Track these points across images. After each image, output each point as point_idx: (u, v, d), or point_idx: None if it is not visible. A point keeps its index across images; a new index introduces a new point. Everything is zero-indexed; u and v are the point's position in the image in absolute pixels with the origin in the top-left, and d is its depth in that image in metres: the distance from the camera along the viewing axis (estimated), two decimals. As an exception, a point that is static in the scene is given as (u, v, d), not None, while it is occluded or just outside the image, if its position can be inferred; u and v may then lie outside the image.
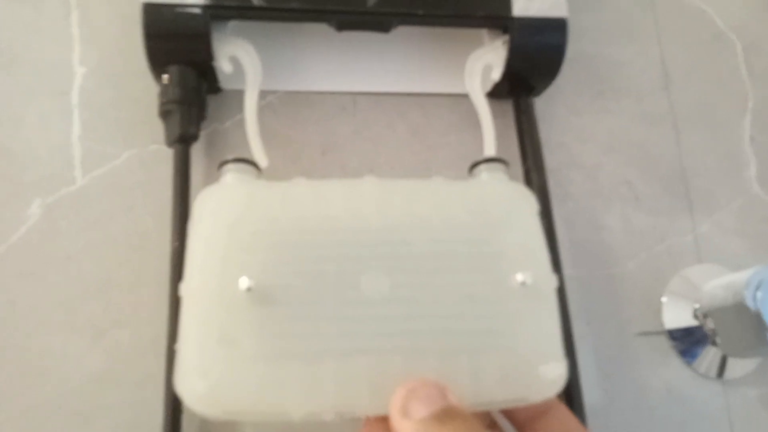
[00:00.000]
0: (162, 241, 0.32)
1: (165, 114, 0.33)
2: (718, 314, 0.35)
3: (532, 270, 0.25)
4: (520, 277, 0.25)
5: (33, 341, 0.30)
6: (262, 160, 0.33)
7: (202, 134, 0.35)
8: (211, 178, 0.34)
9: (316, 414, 0.23)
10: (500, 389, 0.22)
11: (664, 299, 0.37)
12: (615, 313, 0.36)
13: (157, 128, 0.33)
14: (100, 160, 0.34)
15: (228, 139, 0.36)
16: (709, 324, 0.35)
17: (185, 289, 0.25)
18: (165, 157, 0.34)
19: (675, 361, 0.36)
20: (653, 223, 0.39)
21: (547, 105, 0.40)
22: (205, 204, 0.27)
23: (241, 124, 0.35)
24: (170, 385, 0.28)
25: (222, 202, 0.26)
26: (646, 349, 0.36)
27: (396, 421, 0.20)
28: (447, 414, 0.20)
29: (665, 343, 0.36)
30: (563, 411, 0.25)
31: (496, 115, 0.36)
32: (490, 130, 0.35)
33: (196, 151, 0.35)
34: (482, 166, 0.30)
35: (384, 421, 0.22)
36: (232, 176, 0.28)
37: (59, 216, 0.33)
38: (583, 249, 0.37)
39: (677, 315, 0.37)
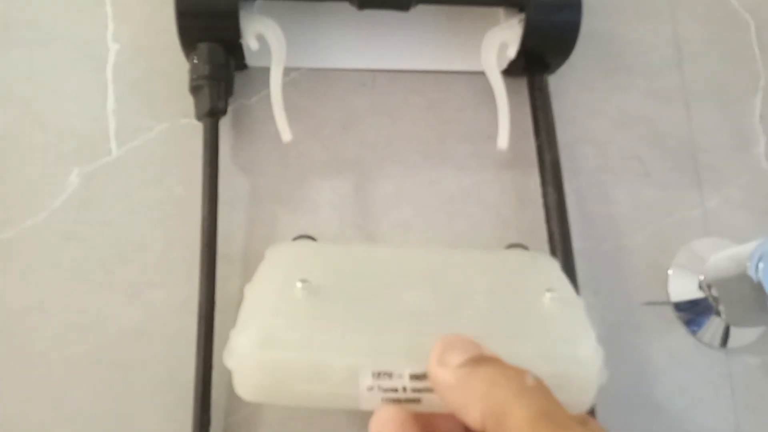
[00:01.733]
0: (193, 209, 0.34)
1: (195, 89, 0.34)
2: (723, 285, 0.36)
3: (559, 292, 0.27)
4: (549, 295, 0.27)
5: (75, 299, 0.33)
6: (286, 133, 0.34)
7: (230, 109, 0.37)
8: (238, 150, 0.37)
9: (354, 372, 0.23)
10: (540, 363, 0.22)
11: (670, 271, 0.38)
12: (622, 283, 0.38)
13: (187, 103, 0.35)
14: (134, 133, 0.36)
15: (254, 114, 0.37)
16: (714, 294, 0.37)
17: (249, 288, 0.28)
18: (195, 130, 0.35)
19: (680, 331, 0.37)
20: (662, 198, 0.40)
21: (559, 81, 0.41)
22: (273, 253, 0.31)
23: (266, 99, 0.36)
24: (202, 341, 0.31)
25: (287, 255, 0.30)
26: (652, 318, 0.37)
27: (434, 371, 0.21)
28: (482, 359, 0.21)
29: (670, 313, 0.38)
30: None
31: (510, 91, 0.38)
32: (505, 106, 0.37)
33: (224, 125, 0.37)
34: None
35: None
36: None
37: (96, 184, 0.35)
38: (592, 222, 0.38)
39: (683, 286, 0.38)
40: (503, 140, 0.34)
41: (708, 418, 0.35)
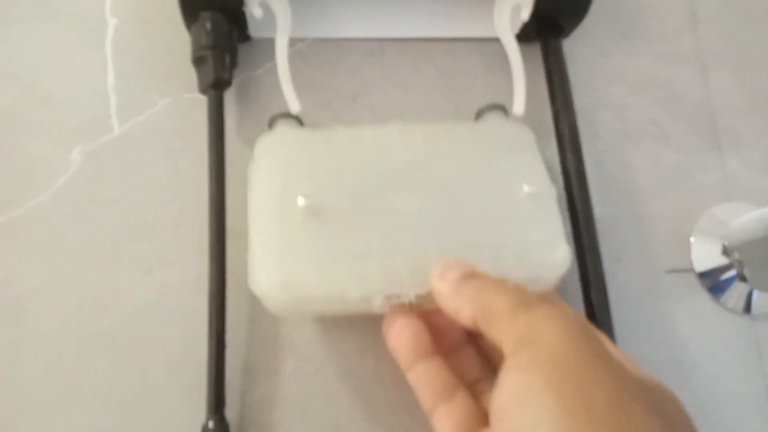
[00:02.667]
0: (200, 184, 0.32)
1: (198, 60, 0.33)
2: (748, 248, 0.35)
3: (535, 184, 0.30)
4: (526, 188, 0.30)
5: (85, 279, 0.32)
6: (294, 105, 0.33)
7: (234, 82, 0.36)
8: (245, 124, 0.35)
9: (368, 297, 0.27)
10: (518, 273, 0.27)
11: (692, 239, 0.37)
12: (644, 250, 0.37)
13: (190, 76, 0.34)
14: (136, 109, 0.35)
15: (260, 87, 0.36)
16: (738, 258, 0.36)
17: (251, 210, 0.30)
18: (199, 104, 0.34)
19: (703, 297, 0.37)
20: (682, 162, 0.39)
21: (574, 47, 0.39)
22: (264, 146, 0.32)
23: (272, 72, 0.35)
24: (213, 320, 0.30)
25: (278, 145, 0.32)
26: (675, 285, 0.36)
27: (435, 284, 0.26)
28: (473, 274, 0.26)
29: (693, 280, 0.37)
30: None
31: (523, 58, 0.36)
32: (520, 70, 0.36)
33: (229, 99, 0.35)
34: (486, 113, 0.35)
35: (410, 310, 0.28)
36: (282, 126, 0.33)
37: (100, 162, 0.34)
38: (612, 188, 0.37)
39: (706, 252, 0.37)
40: (519, 105, 0.33)
41: (737, 384, 0.35)
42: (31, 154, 0.34)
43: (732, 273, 0.37)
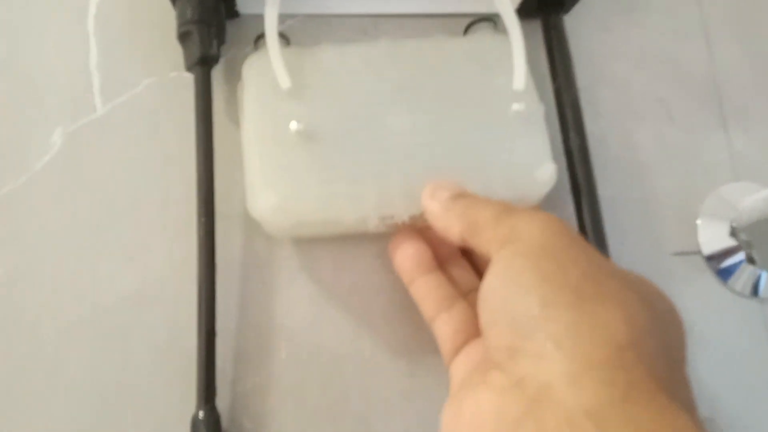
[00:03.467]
0: (186, 166, 0.31)
1: (183, 36, 0.32)
2: (756, 229, 0.34)
3: (523, 101, 0.30)
4: (515, 106, 0.30)
5: (65, 265, 0.30)
6: (284, 81, 0.32)
7: (222, 60, 0.34)
8: (233, 103, 0.34)
9: (363, 218, 0.29)
10: (505, 191, 0.28)
11: (699, 220, 0.36)
12: (649, 232, 0.35)
13: (176, 54, 0.33)
14: (119, 88, 0.34)
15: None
16: (746, 240, 0.35)
17: (244, 135, 0.30)
18: (186, 84, 0.33)
19: (711, 280, 0.35)
20: (687, 141, 0.37)
21: (575, 22, 0.38)
22: (251, 67, 0.31)
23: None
24: (203, 306, 0.29)
25: (266, 65, 0.31)
26: (682, 268, 0.35)
27: (426, 203, 0.27)
28: (462, 194, 0.27)
29: (700, 263, 0.36)
30: None
31: (524, 35, 0.35)
32: (520, 42, 0.34)
33: (217, 78, 0.34)
34: (475, 27, 0.35)
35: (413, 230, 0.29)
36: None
37: (82, 144, 0.32)
38: (616, 168, 0.36)
39: (712, 234, 0.36)
40: (520, 80, 0.32)
41: (745, 369, 0.34)
42: (10, 135, 0.32)
43: (740, 255, 0.35)
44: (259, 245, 0.32)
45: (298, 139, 0.29)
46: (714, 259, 0.36)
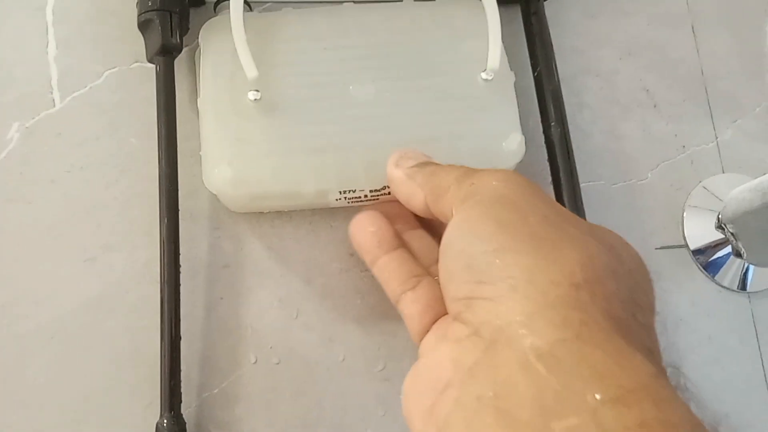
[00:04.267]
0: (149, 162, 0.30)
1: (144, 24, 0.30)
2: (744, 220, 0.33)
3: (493, 68, 0.30)
4: (484, 75, 0.30)
5: (23, 268, 0.29)
6: (251, 70, 0.30)
7: (186, 51, 0.32)
8: (196, 96, 0.32)
9: (324, 192, 0.28)
10: (473, 163, 0.25)
11: (685, 213, 0.35)
12: (635, 225, 0.34)
13: (138, 45, 0.31)
14: (79, 80, 0.32)
15: (215, 54, 0.33)
16: (733, 232, 0.33)
17: (201, 103, 0.29)
18: (148, 75, 0.31)
19: (698, 275, 0.34)
20: (673, 131, 0.36)
21: (558, 8, 0.37)
22: (210, 33, 0.30)
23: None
24: (166, 310, 0.27)
25: (225, 30, 0.29)
26: (668, 263, 0.34)
27: (390, 171, 0.26)
28: (427, 162, 0.26)
29: (687, 257, 0.35)
30: None
31: (503, 21, 0.33)
32: (495, 22, 0.31)
33: (181, 69, 0.32)
34: None
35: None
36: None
37: (40, 139, 0.31)
38: (600, 159, 0.35)
39: (699, 228, 0.35)
40: (494, 60, 0.30)
41: (734, 364, 0.33)
42: (-37, 131, 0.31)
43: (727, 249, 0.34)
44: (226, 245, 0.30)
45: (256, 109, 0.28)
46: (701, 252, 0.35)
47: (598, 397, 0.16)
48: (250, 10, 0.32)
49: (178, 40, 0.30)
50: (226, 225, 0.30)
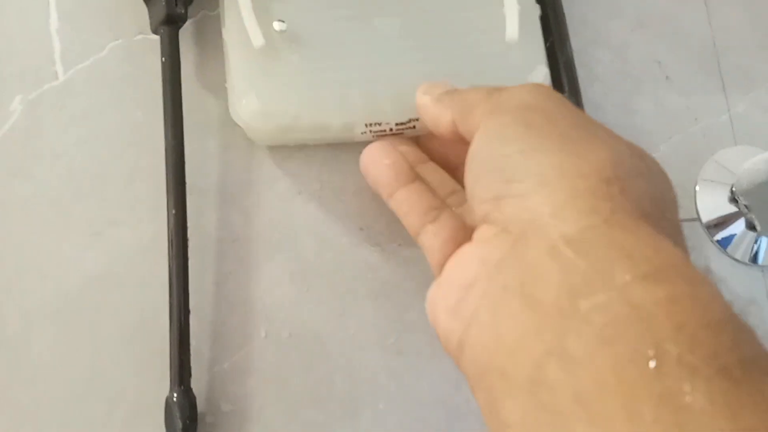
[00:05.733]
0: (155, 136, 0.29)
1: (148, -6, 0.30)
2: (756, 193, 0.33)
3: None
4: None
5: (28, 242, 0.28)
6: (258, 39, 0.29)
7: (191, 22, 0.32)
8: (204, 68, 0.32)
9: (350, 125, 0.28)
10: None
11: (697, 186, 0.35)
12: (646, 199, 0.34)
13: (142, 17, 0.30)
14: (82, 53, 0.31)
15: (219, 26, 0.32)
16: (746, 204, 0.33)
17: (226, 34, 0.29)
18: (153, 47, 0.30)
19: (710, 248, 0.34)
20: (686, 104, 0.36)
21: (569, -22, 0.36)
22: None
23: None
24: (174, 284, 0.27)
25: None
26: (680, 236, 0.34)
27: (419, 98, 0.27)
28: (457, 89, 0.26)
29: (700, 230, 0.34)
30: None
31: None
32: None
33: (186, 41, 0.32)
34: None
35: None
36: None
37: (43, 112, 0.30)
38: (611, 132, 0.34)
39: (711, 201, 0.35)
40: (513, 29, 0.30)
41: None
42: (-36, 105, 0.30)
43: (740, 222, 0.34)
44: (235, 218, 0.30)
45: (281, 40, 0.28)
46: (713, 226, 0.34)
47: (627, 277, 0.16)
48: None
49: (183, 10, 0.30)
50: (236, 198, 0.30)
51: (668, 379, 0.14)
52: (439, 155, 0.29)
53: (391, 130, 0.28)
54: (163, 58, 0.29)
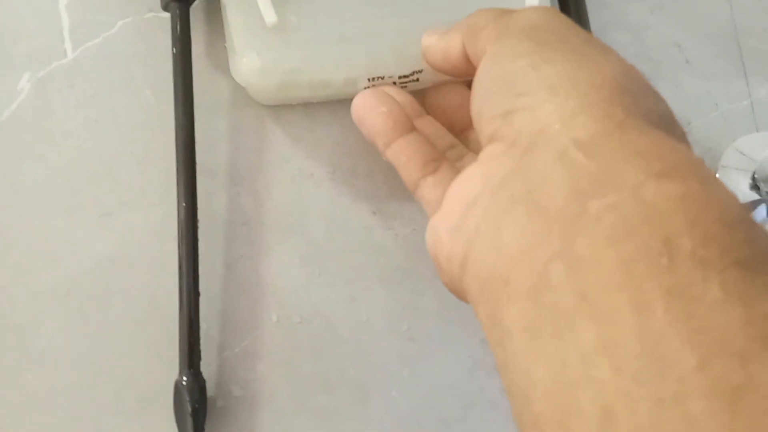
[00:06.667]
0: (165, 116, 0.29)
1: (159, -29, 0.29)
2: (780, 180, 0.32)
3: None
4: None
5: (38, 224, 0.28)
6: (270, 15, 0.29)
7: (202, 1, 0.31)
8: (215, 47, 0.31)
9: (353, 80, 0.28)
10: None
11: (717, 174, 0.34)
12: (664, 186, 0.33)
13: (152, -7, 0.30)
14: (91, 31, 0.31)
15: (231, 4, 0.32)
16: (769, 192, 0.32)
17: None
18: (163, 25, 0.30)
19: (728, 237, 0.33)
20: (706, 89, 0.35)
21: (587, -41, 0.35)
22: None
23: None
24: (185, 267, 0.26)
25: None
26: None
27: (426, 40, 0.26)
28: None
29: (717, 218, 0.34)
30: None
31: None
32: None
33: (197, 20, 0.31)
34: None
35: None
36: None
37: (52, 91, 0.30)
38: (629, 117, 0.34)
39: (732, 188, 0.33)
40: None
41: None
42: (-28, 83, 0.30)
43: (762, 210, 0.33)
44: (246, 201, 0.29)
45: (284, 7, 0.28)
46: (732, 214, 0.34)
47: (642, 176, 0.16)
48: None
49: (194, -14, 0.29)
50: (247, 180, 0.29)
51: (680, 273, 0.14)
52: (438, 110, 0.28)
53: (394, 84, 0.28)
54: (173, 36, 0.28)
